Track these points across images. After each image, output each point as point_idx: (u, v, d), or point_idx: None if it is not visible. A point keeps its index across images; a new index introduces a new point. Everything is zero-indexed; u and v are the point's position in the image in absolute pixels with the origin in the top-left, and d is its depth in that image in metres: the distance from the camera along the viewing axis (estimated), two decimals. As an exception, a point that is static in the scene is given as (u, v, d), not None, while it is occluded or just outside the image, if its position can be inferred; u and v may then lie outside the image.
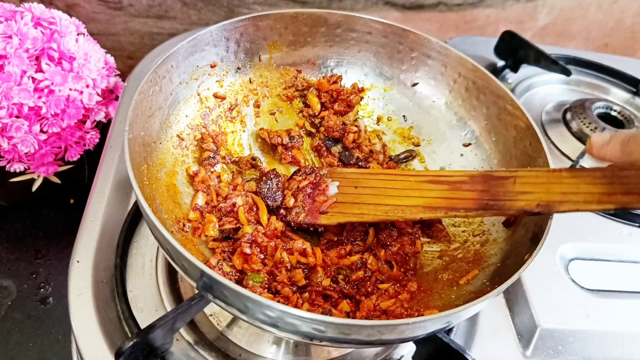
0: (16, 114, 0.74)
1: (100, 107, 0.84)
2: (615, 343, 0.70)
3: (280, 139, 0.73)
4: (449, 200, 0.58)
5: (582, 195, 0.49)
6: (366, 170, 0.73)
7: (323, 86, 0.77)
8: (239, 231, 0.60)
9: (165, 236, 0.44)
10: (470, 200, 0.56)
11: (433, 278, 0.61)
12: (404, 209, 0.60)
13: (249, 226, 0.60)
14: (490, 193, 0.55)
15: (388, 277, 0.61)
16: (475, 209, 0.56)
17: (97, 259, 0.67)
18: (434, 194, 0.59)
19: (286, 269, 0.58)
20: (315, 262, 0.59)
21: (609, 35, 1.42)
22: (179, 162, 0.66)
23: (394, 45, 0.76)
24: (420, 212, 0.59)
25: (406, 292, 0.59)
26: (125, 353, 0.48)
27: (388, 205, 0.61)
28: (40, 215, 0.92)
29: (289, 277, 0.57)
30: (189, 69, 0.67)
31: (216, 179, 0.67)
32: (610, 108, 1.05)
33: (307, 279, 0.59)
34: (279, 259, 0.58)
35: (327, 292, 0.57)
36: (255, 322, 0.45)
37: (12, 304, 0.80)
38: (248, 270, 0.57)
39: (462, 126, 0.74)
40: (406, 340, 0.50)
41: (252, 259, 0.57)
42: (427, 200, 0.59)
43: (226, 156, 0.71)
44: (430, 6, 1.23)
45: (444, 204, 0.58)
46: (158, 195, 0.59)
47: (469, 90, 0.73)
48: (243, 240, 0.58)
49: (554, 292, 0.72)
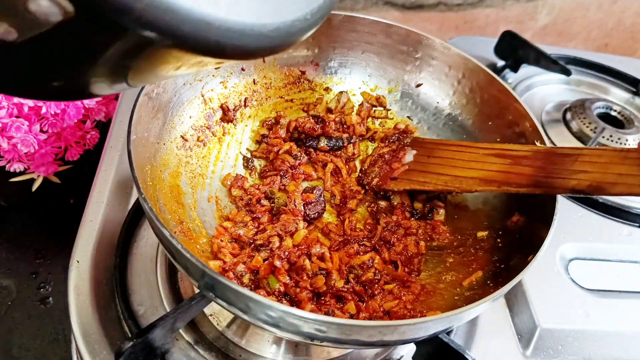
0: (16, 114, 0.74)
1: (100, 107, 0.84)
2: (615, 343, 0.70)
3: (288, 164, 0.72)
4: (505, 174, 0.58)
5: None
6: (443, 140, 0.74)
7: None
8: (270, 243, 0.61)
9: (167, 237, 0.44)
10: (525, 175, 0.56)
11: (436, 279, 0.62)
12: (461, 180, 0.62)
13: (289, 239, 0.61)
14: (546, 170, 0.55)
15: (393, 277, 0.61)
16: (526, 184, 0.56)
17: (97, 259, 0.67)
18: (494, 167, 0.60)
19: (308, 276, 0.58)
20: (332, 267, 0.59)
21: (609, 35, 1.42)
22: (183, 163, 0.66)
23: (398, 46, 0.76)
24: (475, 184, 0.60)
25: (410, 294, 0.59)
26: (125, 353, 0.48)
27: (449, 175, 0.64)
28: (40, 215, 0.92)
29: (311, 283, 0.57)
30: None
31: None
32: (610, 108, 1.05)
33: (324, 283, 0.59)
34: (301, 265, 0.58)
35: (341, 293, 0.57)
36: (257, 322, 0.45)
37: (12, 304, 0.80)
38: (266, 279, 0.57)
39: (466, 126, 0.74)
40: (407, 342, 0.50)
41: (280, 272, 0.57)
42: (485, 173, 0.60)
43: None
44: (430, 6, 1.23)
45: (499, 178, 0.59)
46: (161, 195, 0.59)
47: (473, 91, 0.73)
48: (277, 254, 0.58)
49: (554, 292, 0.72)
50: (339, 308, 0.56)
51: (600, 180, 0.49)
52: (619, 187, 0.48)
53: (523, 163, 0.57)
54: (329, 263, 0.60)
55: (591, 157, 0.52)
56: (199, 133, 0.69)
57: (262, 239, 0.61)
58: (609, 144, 0.96)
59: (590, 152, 0.53)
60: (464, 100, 0.75)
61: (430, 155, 0.68)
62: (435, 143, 0.71)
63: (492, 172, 0.60)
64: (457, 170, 0.63)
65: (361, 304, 0.57)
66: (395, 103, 0.80)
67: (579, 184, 0.51)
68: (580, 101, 1.04)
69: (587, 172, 0.51)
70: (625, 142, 0.96)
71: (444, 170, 0.65)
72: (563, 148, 0.57)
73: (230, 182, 0.70)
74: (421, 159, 0.69)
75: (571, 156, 0.54)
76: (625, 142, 0.96)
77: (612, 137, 0.97)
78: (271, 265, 0.57)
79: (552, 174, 0.54)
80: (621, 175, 0.48)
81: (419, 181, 0.66)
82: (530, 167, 0.56)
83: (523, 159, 0.58)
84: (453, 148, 0.67)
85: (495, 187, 0.59)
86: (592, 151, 0.53)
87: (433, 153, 0.68)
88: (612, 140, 0.96)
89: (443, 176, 0.64)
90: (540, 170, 0.55)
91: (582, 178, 0.51)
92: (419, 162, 0.69)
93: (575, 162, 0.53)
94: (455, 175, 0.63)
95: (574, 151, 0.54)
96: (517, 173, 0.57)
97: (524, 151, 0.59)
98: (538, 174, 0.55)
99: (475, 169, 0.62)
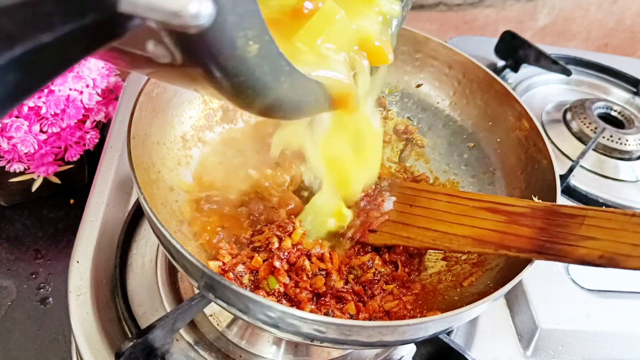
0: (16, 114, 0.74)
1: (100, 107, 0.84)
2: (616, 343, 0.70)
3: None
4: (502, 235, 0.52)
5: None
6: (427, 187, 0.68)
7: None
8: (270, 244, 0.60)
9: (167, 237, 0.44)
10: (525, 238, 0.50)
11: (437, 279, 0.61)
12: (451, 238, 0.56)
13: (288, 240, 0.60)
14: (549, 233, 0.49)
15: (393, 277, 0.61)
16: (529, 250, 0.49)
17: (97, 259, 0.67)
18: (487, 224, 0.54)
19: (307, 277, 0.58)
20: (332, 268, 0.59)
21: (609, 35, 1.42)
22: (183, 164, 0.66)
23: (398, 46, 0.76)
24: (468, 244, 0.54)
25: (410, 294, 0.59)
26: (125, 353, 0.48)
27: (437, 231, 0.57)
28: (40, 215, 0.92)
29: (311, 284, 0.57)
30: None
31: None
32: (611, 108, 1.05)
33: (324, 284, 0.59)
34: (300, 265, 0.58)
35: (341, 294, 0.57)
36: (256, 323, 0.45)
37: (11, 304, 0.80)
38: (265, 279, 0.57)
39: (466, 127, 0.74)
40: (407, 342, 0.50)
41: (280, 272, 0.57)
42: (478, 231, 0.54)
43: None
44: (430, 6, 1.23)
45: (495, 239, 0.52)
46: (161, 195, 0.59)
47: (474, 91, 0.73)
48: (276, 254, 0.58)
49: (554, 292, 0.72)
50: (338, 308, 0.56)
51: (612, 251, 0.44)
52: (634, 260, 0.43)
53: (521, 222, 0.51)
54: (328, 263, 0.59)
55: (599, 220, 0.46)
56: (200, 133, 0.69)
57: (260, 240, 0.61)
58: (610, 144, 0.96)
59: (597, 214, 0.47)
60: (464, 101, 0.74)
61: (412, 204, 0.62)
62: (417, 190, 0.64)
63: (486, 230, 0.54)
64: (445, 226, 0.57)
65: (361, 305, 0.57)
66: (395, 104, 0.80)
67: (589, 254, 0.45)
68: (581, 101, 1.04)
69: (596, 239, 0.45)
70: (626, 142, 0.96)
71: (429, 224, 0.59)
72: (565, 207, 0.50)
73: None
74: (403, 207, 0.63)
75: (575, 217, 0.48)
76: (625, 142, 0.96)
77: (612, 137, 0.97)
78: (270, 265, 0.57)
79: (556, 238, 0.48)
80: (636, 246, 0.43)
81: (402, 236, 0.60)
82: (530, 228, 0.50)
83: (520, 216, 0.52)
84: (438, 197, 0.61)
85: (491, 249, 0.52)
86: (599, 213, 0.47)
87: (416, 202, 0.62)
88: (612, 140, 0.96)
89: (430, 232, 0.58)
90: (541, 232, 0.49)
91: (592, 247, 0.45)
92: (401, 211, 0.63)
93: (581, 226, 0.47)
94: (444, 231, 0.56)
95: (578, 212, 0.48)
96: (515, 234, 0.51)
97: (520, 207, 0.53)
98: (540, 237, 0.49)
99: (466, 225, 0.56)
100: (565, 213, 0.49)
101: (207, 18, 0.25)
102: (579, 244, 0.46)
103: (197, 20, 0.25)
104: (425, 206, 0.61)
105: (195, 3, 0.24)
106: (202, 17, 0.25)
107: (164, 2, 0.24)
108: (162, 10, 0.24)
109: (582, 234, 0.47)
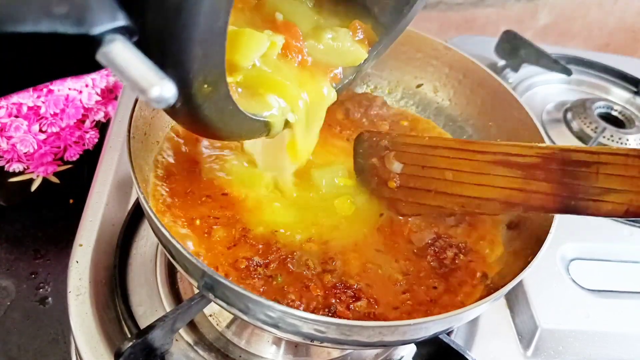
0: (15, 114, 0.74)
1: (99, 107, 0.84)
2: (616, 343, 0.70)
3: None
4: (526, 194, 0.53)
5: None
6: (426, 141, 0.63)
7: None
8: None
9: (167, 237, 0.44)
10: (550, 196, 0.50)
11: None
12: (479, 202, 0.56)
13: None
14: (569, 188, 0.49)
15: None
16: (555, 209, 0.51)
17: (96, 260, 0.67)
18: (506, 182, 0.54)
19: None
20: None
21: (610, 34, 1.42)
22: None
23: (398, 47, 0.76)
24: (497, 208, 0.55)
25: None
26: (124, 354, 0.48)
27: (463, 196, 0.57)
28: (40, 215, 0.92)
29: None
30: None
31: None
32: (611, 108, 1.05)
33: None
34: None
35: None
36: (257, 323, 0.45)
37: (11, 304, 0.80)
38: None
39: (466, 127, 0.74)
40: (407, 342, 0.50)
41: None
42: (502, 192, 0.54)
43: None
44: (430, 6, 1.23)
45: (521, 199, 0.53)
46: (161, 195, 0.58)
47: (474, 91, 0.73)
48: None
49: (555, 292, 0.72)
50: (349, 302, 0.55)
51: (638, 204, 0.44)
52: None
53: (538, 177, 0.51)
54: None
55: (614, 166, 0.46)
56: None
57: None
58: (610, 143, 0.96)
59: (612, 160, 0.46)
60: (465, 101, 0.74)
61: (424, 165, 0.61)
62: (419, 146, 0.62)
63: (508, 190, 0.54)
64: (468, 189, 0.57)
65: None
66: (396, 104, 0.80)
67: (615, 209, 0.45)
68: (581, 101, 1.04)
69: (617, 191, 0.45)
70: (626, 142, 0.96)
71: (452, 189, 0.58)
72: (573, 152, 0.49)
73: None
74: (415, 170, 0.61)
75: (590, 165, 0.47)
76: (626, 142, 0.96)
77: (612, 137, 0.96)
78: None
79: (579, 193, 0.48)
80: None
81: (432, 205, 0.60)
82: (549, 183, 0.51)
83: (535, 169, 0.52)
84: (445, 153, 0.59)
85: (520, 210, 0.53)
86: (613, 158, 0.46)
87: (426, 162, 0.60)
88: (612, 140, 0.96)
89: (457, 197, 0.58)
90: (562, 188, 0.50)
91: (616, 201, 0.45)
92: (415, 175, 0.61)
93: (598, 176, 0.47)
94: (471, 196, 0.57)
95: (589, 157, 0.48)
96: (538, 192, 0.51)
97: (529, 157, 0.52)
98: (562, 192, 0.50)
99: (486, 185, 0.56)
100: (577, 160, 0.49)
101: (171, 99, 0.28)
102: (603, 199, 0.46)
103: (160, 104, 0.28)
104: (437, 166, 0.59)
105: (157, 87, 0.27)
106: (165, 101, 0.28)
107: (136, 76, 0.26)
108: (132, 83, 0.27)
109: (602, 186, 0.46)
